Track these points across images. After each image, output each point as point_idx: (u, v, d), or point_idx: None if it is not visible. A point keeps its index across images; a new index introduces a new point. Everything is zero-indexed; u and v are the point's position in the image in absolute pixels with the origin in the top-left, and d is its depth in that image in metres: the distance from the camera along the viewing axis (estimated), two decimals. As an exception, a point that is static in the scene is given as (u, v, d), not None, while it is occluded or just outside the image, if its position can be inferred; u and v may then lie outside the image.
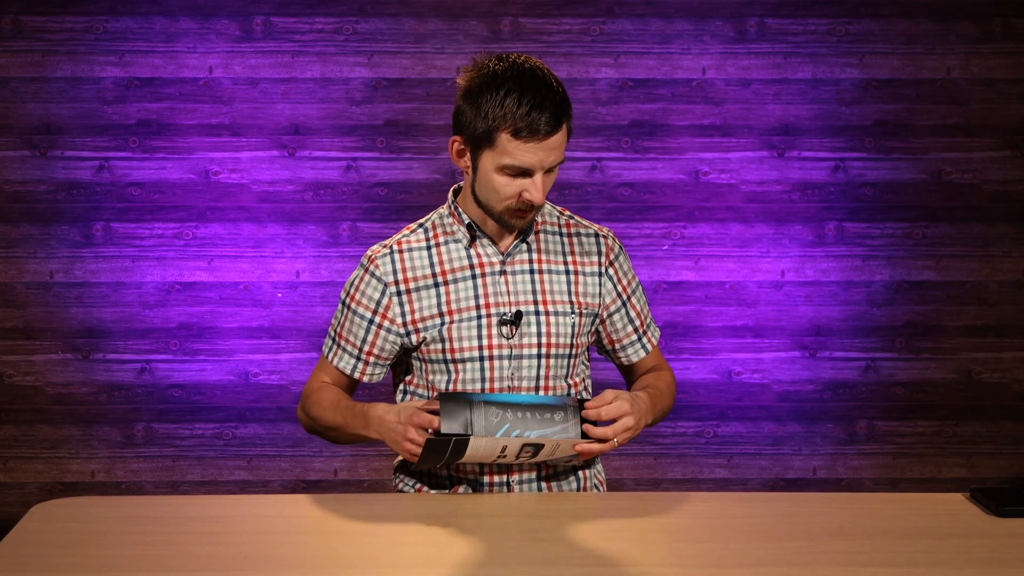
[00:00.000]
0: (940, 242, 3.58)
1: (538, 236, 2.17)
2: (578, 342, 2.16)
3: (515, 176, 2.01)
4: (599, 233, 2.21)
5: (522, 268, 2.14)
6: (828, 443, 3.61)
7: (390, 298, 2.14)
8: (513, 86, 1.96)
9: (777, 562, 1.71)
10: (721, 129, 3.54)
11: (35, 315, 3.53)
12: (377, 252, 2.16)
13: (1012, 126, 3.55)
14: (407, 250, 2.16)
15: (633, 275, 2.24)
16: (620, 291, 2.20)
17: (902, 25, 3.52)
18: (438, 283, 2.13)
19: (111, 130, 3.50)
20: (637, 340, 2.24)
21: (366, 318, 2.15)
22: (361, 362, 2.18)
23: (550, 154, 1.99)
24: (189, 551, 1.76)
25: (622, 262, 2.22)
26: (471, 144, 2.04)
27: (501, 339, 2.11)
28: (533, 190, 2.00)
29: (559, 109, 1.97)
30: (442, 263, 2.14)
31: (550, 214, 2.21)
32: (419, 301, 2.13)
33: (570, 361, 2.15)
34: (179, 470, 3.58)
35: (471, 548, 1.76)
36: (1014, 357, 3.60)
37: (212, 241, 3.53)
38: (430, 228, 2.18)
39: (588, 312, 2.17)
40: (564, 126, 1.99)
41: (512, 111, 1.95)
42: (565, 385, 2.15)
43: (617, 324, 2.22)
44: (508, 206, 2.04)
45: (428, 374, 2.15)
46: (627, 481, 3.59)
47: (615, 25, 3.51)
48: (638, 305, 2.24)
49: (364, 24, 3.50)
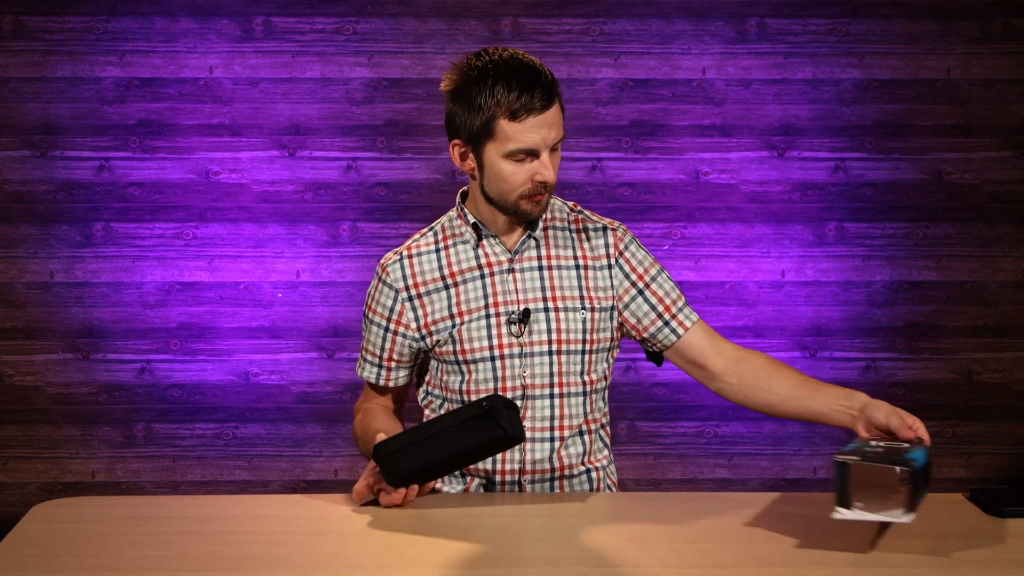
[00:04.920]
0: (940, 242, 3.58)
1: (547, 232, 2.16)
2: (592, 338, 2.13)
3: (523, 160, 2.02)
4: (608, 226, 2.19)
5: (531, 265, 2.13)
6: (828, 443, 3.61)
7: (402, 304, 2.14)
8: (498, 75, 1.99)
9: (777, 562, 1.71)
10: (721, 129, 3.54)
11: (35, 315, 3.53)
12: (389, 260, 2.17)
13: (1012, 126, 3.55)
14: (416, 255, 2.16)
15: (651, 263, 2.19)
16: (634, 280, 2.16)
17: (902, 25, 3.52)
18: (448, 285, 2.13)
19: (111, 130, 3.50)
20: (664, 325, 2.16)
21: (382, 326, 2.16)
22: (384, 369, 2.19)
23: (551, 130, 2.00)
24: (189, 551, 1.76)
25: (634, 251, 2.18)
26: (472, 143, 2.04)
27: (511, 338, 2.10)
28: (543, 169, 2.02)
29: (548, 84, 2.00)
30: (451, 265, 2.14)
31: (559, 209, 2.19)
32: (431, 304, 2.13)
33: (584, 357, 2.13)
34: (179, 470, 3.58)
35: (470, 548, 1.76)
36: (1014, 357, 3.60)
37: (212, 241, 3.53)
38: (439, 231, 2.18)
39: (601, 307, 2.14)
40: (556, 101, 2.02)
41: (504, 96, 1.98)
42: (580, 382, 2.13)
43: (637, 313, 2.16)
44: (522, 193, 2.04)
45: (443, 375, 2.16)
46: (627, 481, 3.59)
47: (615, 25, 3.51)
48: (660, 291, 2.17)
49: (364, 24, 3.50)
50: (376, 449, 1.90)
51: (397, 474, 1.90)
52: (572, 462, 2.14)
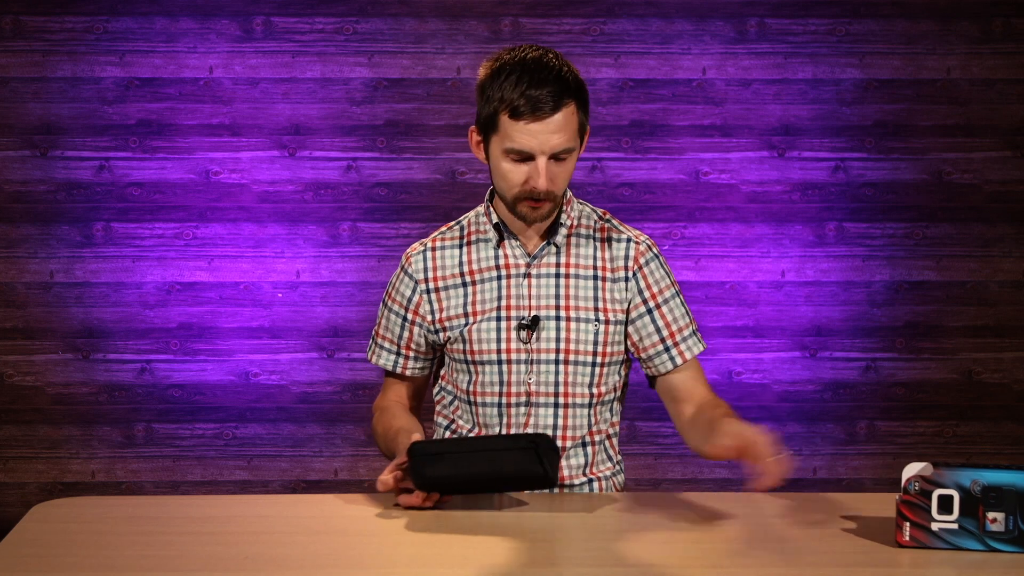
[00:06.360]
0: (940, 242, 3.58)
1: (569, 239, 2.11)
2: (604, 351, 2.09)
3: (519, 162, 1.99)
4: (632, 239, 2.13)
5: (548, 271, 2.10)
6: (828, 443, 3.61)
7: (420, 296, 2.13)
8: (513, 70, 1.97)
9: (777, 562, 1.71)
10: (721, 129, 3.54)
11: (35, 315, 3.53)
12: (414, 250, 2.16)
13: (1012, 126, 3.55)
14: (440, 248, 2.14)
15: (668, 284, 2.13)
16: (647, 297, 2.11)
17: (902, 25, 3.52)
18: (466, 283, 2.12)
19: (111, 130, 3.50)
20: (664, 351, 2.11)
21: (400, 315, 2.15)
22: (401, 356, 2.17)
23: (551, 137, 1.96)
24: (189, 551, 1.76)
25: (653, 269, 2.12)
26: (483, 133, 2.03)
27: (519, 343, 2.09)
28: (535, 176, 1.97)
29: (558, 88, 1.95)
30: (471, 262, 2.12)
31: (587, 216, 2.14)
32: (447, 300, 2.12)
33: (594, 370, 2.09)
34: (179, 470, 3.58)
35: (470, 548, 1.76)
36: (1014, 357, 3.60)
37: (212, 241, 3.53)
38: (466, 226, 2.15)
39: (616, 319, 2.10)
40: (566, 108, 1.96)
41: (510, 92, 1.96)
42: (588, 393, 2.10)
43: (641, 332, 2.11)
44: (516, 195, 2.01)
45: (454, 372, 2.15)
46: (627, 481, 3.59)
47: (615, 25, 3.51)
48: (669, 316, 2.11)
49: (364, 24, 3.50)
50: (413, 448, 1.87)
51: (428, 478, 1.88)
52: (573, 472, 2.12)
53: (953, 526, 1.72)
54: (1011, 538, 1.72)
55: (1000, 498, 1.71)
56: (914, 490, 1.73)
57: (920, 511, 1.73)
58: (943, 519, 1.72)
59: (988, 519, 1.72)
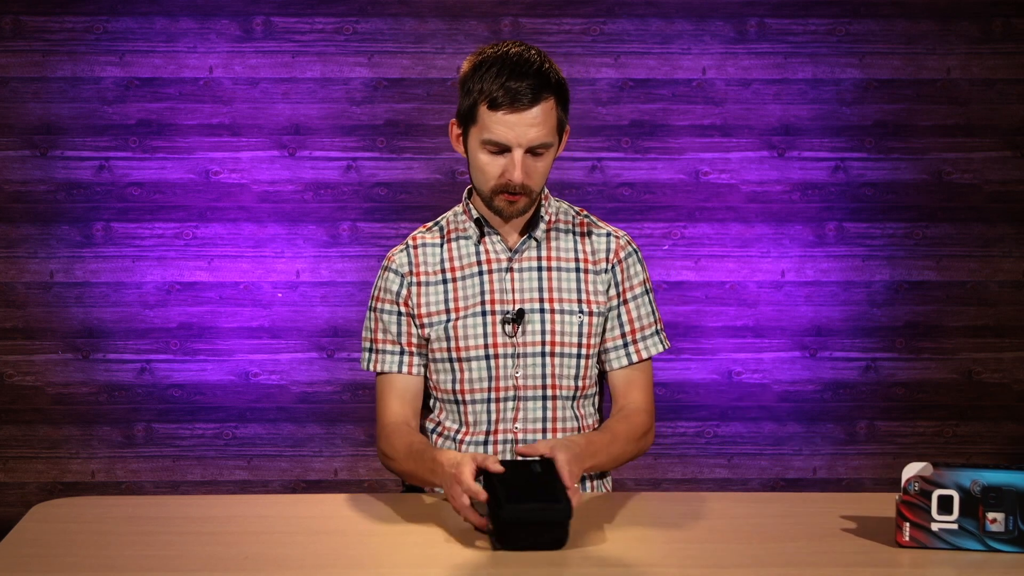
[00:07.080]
0: (940, 242, 3.58)
1: (549, 233, 2.14)
2: (588, 342, 2.11)
3: (496, 154, 2.01)
4: (612, 233, 2.16)
5: (530, 265, 2.12)
6: (828, 443, 3.61)
7: (408, 288, 2.13)
8: (495, 63, 2.00)
9: (777, 562, 1.71)
10: (721, 129, 3.54)
11: (35, 315, 3.53)
12: (394, 250, 2.17)
13: (1012, 126, 3.55)
14: (422, 246, 2.15)
15: (640, 282, 2.15)
16: (620, 291, 2.14)
17: (902, 25, 3.52)
18: (447, 279, 2.13)
19: (111, 130, 3.50)
20: (623, 346, 2.13)
21: (394, 312, 2.14)
22: (405, 354, 2.14)
23: (528, 130, 1.98)
24: (189, 551, 1.76)
25: (630, 264, 2.15)
26: (463, 125, 2.06)
27: (505, 337, 2.10)
28: (512, 168, 1.99)
29: (538, 82, 1.99)
30: (452, 259, 2.13)
31: (565, 212, 2.17)
32: (427, 296, 2.12)
33: (580, 362, 2.11)
34: (179, 470, 3.58)
35: (470, 548, 1.76)
36: (1014, 357, 3.60)
37: (212, 241, 3.53)
38: (444, 225, 2.17)
39: (599, 311, 2.12)
40: (545, 103, 1.99)
41: (489, 84, 1.98)
42: (574, 386, 2.11)
43: (606, 324, 2.14)
44: (493, 187, 2.02)
45: (434, 374, 2.13)
46: (627, 481, 3.59)
47: (615, 25, 3.51)
48: (635, 312, 2.14)
49: (364, 24, 3.50)
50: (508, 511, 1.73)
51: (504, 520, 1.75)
52: None
53: (953, 526, 1.72)
54: (1011, 538, 1.72)
55: (1000, 498, 1.71)
56: (914, 490, 1.73)
57: (920, 511, 1.73)
58: (943, 519, 1.72)
59: (988, 519, 1.72)
